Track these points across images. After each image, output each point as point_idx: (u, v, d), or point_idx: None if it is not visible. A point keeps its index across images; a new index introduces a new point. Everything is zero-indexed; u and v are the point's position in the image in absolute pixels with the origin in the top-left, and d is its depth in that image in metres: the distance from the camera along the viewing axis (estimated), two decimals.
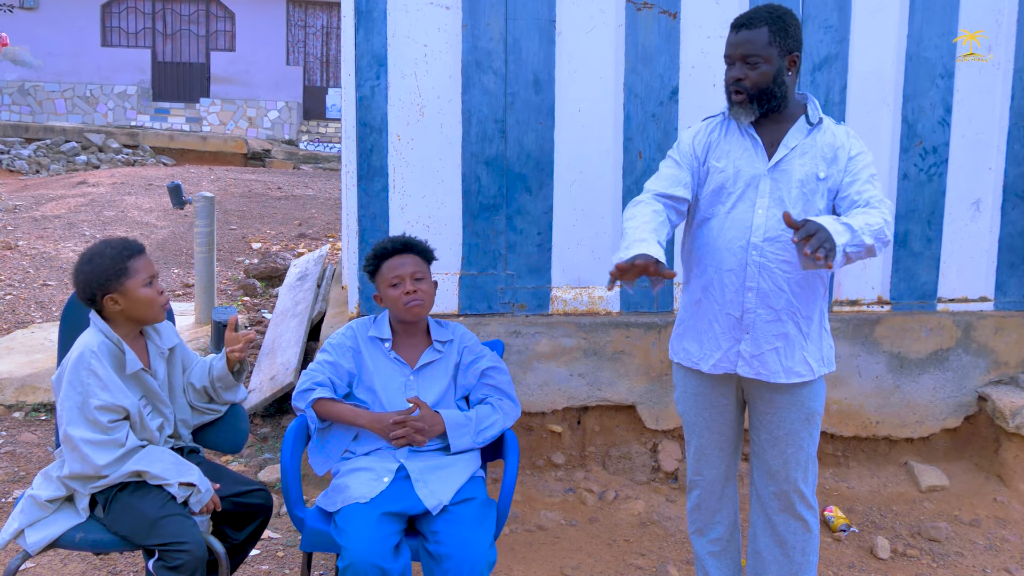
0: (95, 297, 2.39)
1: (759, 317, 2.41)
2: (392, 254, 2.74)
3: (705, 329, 2.51)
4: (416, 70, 3.47)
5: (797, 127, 2.41)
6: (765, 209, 2.38)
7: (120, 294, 2.38)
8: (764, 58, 2.34)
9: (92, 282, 2.37)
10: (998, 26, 3.73)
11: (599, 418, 3.76)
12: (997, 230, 3.87)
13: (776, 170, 2.39)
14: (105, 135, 14.25)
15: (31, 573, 3.00)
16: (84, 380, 2.31)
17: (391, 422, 2.54)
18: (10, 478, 3.71)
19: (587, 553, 3.24)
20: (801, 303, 2.40)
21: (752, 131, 2.43)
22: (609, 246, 3.64)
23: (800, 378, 2.44)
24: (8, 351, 5.04)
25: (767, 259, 2.38)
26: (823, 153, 2.39)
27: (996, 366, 3.88)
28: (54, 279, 6.62)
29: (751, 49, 2.34)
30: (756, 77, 2.35)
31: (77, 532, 2.32)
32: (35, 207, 8.89)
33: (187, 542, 2.22)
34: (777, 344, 2.41)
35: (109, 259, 2.38)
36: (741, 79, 2.36)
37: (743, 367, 2.45)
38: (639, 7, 3.56)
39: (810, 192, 2.37)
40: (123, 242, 2.44)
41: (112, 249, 2.40)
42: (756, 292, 2.40)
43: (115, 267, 2.37)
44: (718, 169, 2.45)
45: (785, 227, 2.28)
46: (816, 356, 2.47)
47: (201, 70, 17.79)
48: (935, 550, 3.35)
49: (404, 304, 2.68)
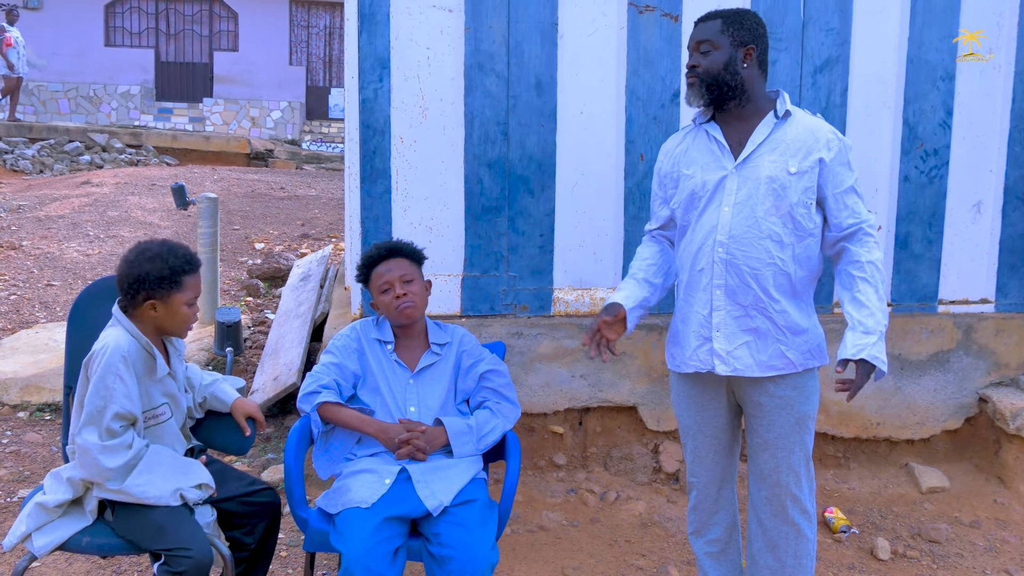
0: (136, 295, 2.35)
1: (728, 313, 2.43)
2: (379, 260, 2.77)
3: (682, 330, 2.54)
4: (419, 72, 3.49)
5: (764, 123, 2.43)
6: (731, 207, 2.40)
7: (163, 303, 2.36)
8: (714, 45, 2.43)
9: (144, 281, 2.33)
10: (999, 28, 3.74)
11: (600, 419, 3.77)
12: (998, 232, 3.88)
13: (744, 167, 2.41)
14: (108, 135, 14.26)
15: (37, 573, 3.02)
16: (110, 385, 2.28)
17: (398, 440, 2.57)
18: (15, 478, 3.74)
19: (588, 554, 3.26)
20: (771, 298, 2.41)
21: (717, 133, 2.47)
22: (610, 248, 3.66)
23: (776, 371, 2.43)
24: (13, 351, 5.07)
25: (733, 256, 2.40)
26: (794, 146, 2.40)
27: (997, 368, 3.89)
28: (58, 279, 6.64)
29: (702, 35, 2.46)
30: (707, 63, 2.44)
31: (84, 536, 2.32)
32: (39, 207, 8.91)
33: (191, 548, 2.22)
34: (747, 339, 2.43)
35: (169, 266, 2.35)
36: (694, 66, 2.46)
37: (720, 366, 2.45)
38: (641, 10, 3.57)
39: (780, 188, 2.37)
40: (187, 253, 2.40)
41: (175, 258, 2.36)
42: (724, 289, 2.42)
43: (172, 276, 2.34)
44: (687, 176, 2.50)
45: (751, 224, 2.39)
46: (800, 349, 2.45)
47: (204, 70, 17.81)
48: (935, 551, 3.36)
49: (396, 308, 2.71)
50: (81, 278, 6.72)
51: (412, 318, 2.75)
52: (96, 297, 2.68)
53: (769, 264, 2.39)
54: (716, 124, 2.49)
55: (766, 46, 2.48)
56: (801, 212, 2.39)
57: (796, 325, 2.44)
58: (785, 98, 2.45)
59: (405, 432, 2.59)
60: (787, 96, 2.47)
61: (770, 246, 2.38)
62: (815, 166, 2.38)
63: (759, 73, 2.47)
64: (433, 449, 2.60)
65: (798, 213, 2.38)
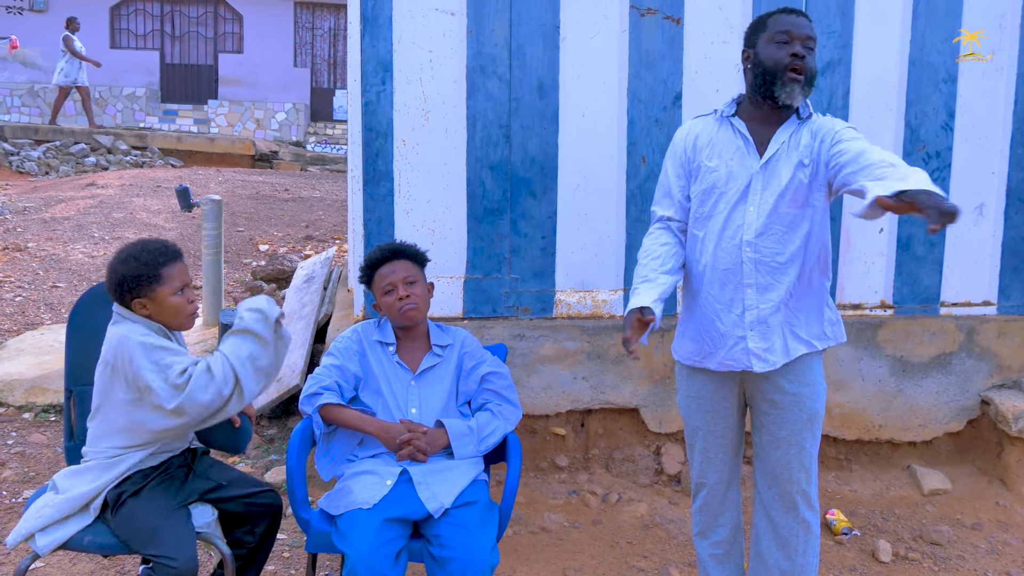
0: (124, 298, 2.37)
1: (761, 312, 2.44)
2: (382, 262, 2.78)
3: (706, 328, 2.53)
4: (421, 75, 3.50)
5: (788, 124, 2.44)
6: (757, 206, 2.41)
7: (149, 299, 2.36)
8: (813, 47, 2.42)
9: (124, 283, 2.35)
10: (1001, 30, 3.74)
11: (602, 421, 3.78)
12: (1000, 234, 3.88)
13: (767, 168, 2.42)
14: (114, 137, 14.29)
15: (41, 572, 3.04)
16: (159, 360, 2.26)
17: (399, 440, 2.58)
18: (20, 478, 3.75)
19: (590, 555, 3.27)
20: (800, 288, 2.45)
21: (745, 130, 2.46)
22: (613, 250, 3.66)
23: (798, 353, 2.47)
24: (18, 352, 5.09)
25: (762, 255, 2.42)
26: (807, 143, 2.42)
27: (999, 370, 3.89)
28: (63, 281, 6.66)
29: (809, 31, 2.40)
30: (812, 62, 2.40)
31: (85, 535, 2.34)
32: (44, 209, 8.94)
33: (176, 559, 2.20)
34: (781, 332, 2.46)
35: (143, 263, 2.36)
36: (801, 58, 2.37)
37: (757, 363, 2.46)
38: (643, 13, 3.58)
39: (799, 184, 2.40)
40: (160, 246, 2.40)
41: (147, 253, 2.37)
42: (755, 288, 2.43)
43: (148, 272, 2.35)
44: (710, 169, 2.48)
45: (773, 221, 2.38)
46: (823, 328, 2.52)
47: (209, 72, 17.85)
48: (937, 553, 3.36)
49: (399, 310, 2.72)
50: (86, 280, 6.75)
51: (415, 320, 2.76)
52: (96, 301, 2.69)
53: (796, 256, 2.42)
54: (741, 119, 2.48)
55: None
56: (816, 197, 2.42)
57: (819, 306, 2.51)
58: (808, 103, 2.46)
59: (406, 432, 2.60)
60: (808, 102, 2.47)
61: (796, 238, 2.41)
62: (820, 148, 2.39)
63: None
64: (434, 450, 2.61)
65: (814, 199, 2.42)
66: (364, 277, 2.83)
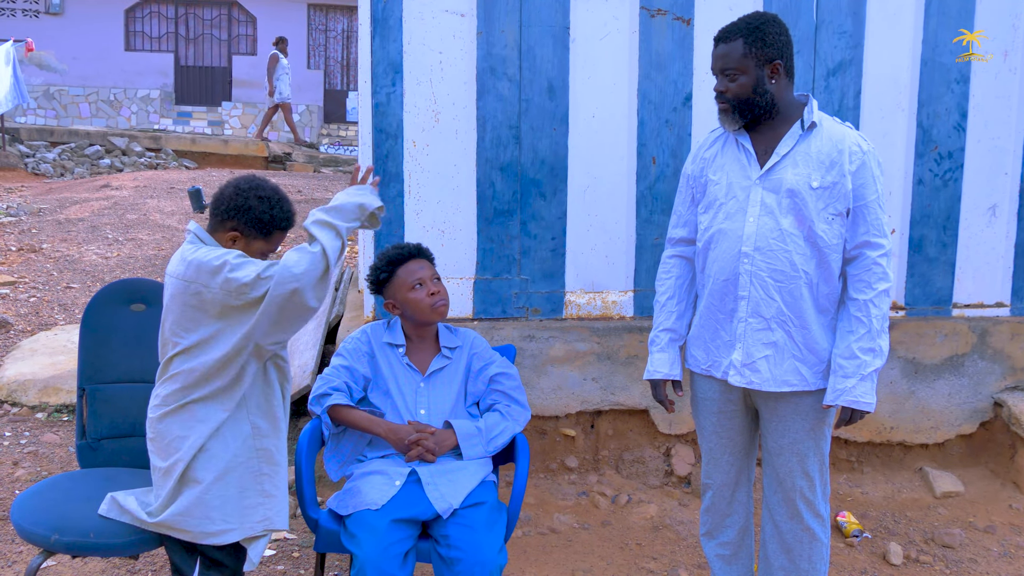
0: (226, 220, 2.28)
1: (749, 326, 2.43)
2: (408, 259, 2.79)
3: (711, 337, 2.53)
4: (431, 77, 3.51)
5: (791, 133, 2.41)
6: (756, 218, 2.40)
7: (244, 241, 2.29)
8: (740, 70, 2.38)
9: (244, 212, 2.25)
10: (1014, 30, 3.72)
11: (612, 422, 3.78)
12: (1013, 235, 3.85)
13: (767, 179, 2.40)
14: (128, 138, 14.37)
15: (52, 571, 3.06)
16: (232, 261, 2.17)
17: (408, 441, 2.58)
18: (33, 478, 3.78)
19: (599, 556, 3.26)
20: (793, 312, 2.41)
21: (746, 142, 2.45)
22: (622, 251, 3.66)
23: (790, 387, 2.43)
24: (32, 353, 5.13)
25: (757, 267, 2.40)
26: (818, 159, 2.38)
27: (1012, 372, 3.86)
28: (77, 282, 6.70)
29: (727, 63, 2.40)
30: (735, 88, 2.40)
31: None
32: (59, 210, 9.00)
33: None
34: (767, 352, 2.43)
35: (271, 214, 2.29)
36: (723, 91, 2.43)
37: (735, 376, 2.46)
38: (653, 13, 3.58)
39: (801, 202, 2.36)
40: (291, 211, 2.37)
41: (280, 210, 2.33)
42: (748, 301, 2.42)
43: (269, 223, 2.29)
44: (713, 182, 2.50)
45: (775, 236, 2.37)
46: (816, 368, 2.44)
47: (223, 74, 17.94)
48: (948, 556, 3.34)
49: (431, 305, 2.72)
50: (100, 280, 6.79)
51: (444, 317, 2.78)
52: (110, 300, 2.71)
53: (792, 277, 2.38)
54: (746, 133, 2.47)
55: (791, 52, 2.44)
56: (822, 227, 2.37)
57: (815, 343, 2.43)
58: (813, 106, 2.43)
59: (414, 433, 2.60)
60: (815, 103, 2.44)
61: (794, 259, 2.38)
62: (839, 181, 2.36)
63: (787, 82, 2.44)
64: (443, 451, 2.62)
65: (819, 228, 2.37)
66: (385, 274, 2.78)
